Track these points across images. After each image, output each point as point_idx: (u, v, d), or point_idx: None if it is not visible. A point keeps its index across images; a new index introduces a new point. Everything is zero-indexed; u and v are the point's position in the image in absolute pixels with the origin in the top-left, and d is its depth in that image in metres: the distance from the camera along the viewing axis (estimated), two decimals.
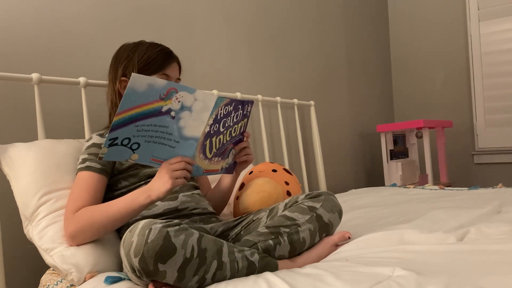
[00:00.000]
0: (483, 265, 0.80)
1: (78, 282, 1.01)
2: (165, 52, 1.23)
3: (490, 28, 3.03)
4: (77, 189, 1.08)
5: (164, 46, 1.26)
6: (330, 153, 2.73)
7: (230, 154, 1.17)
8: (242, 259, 0.90)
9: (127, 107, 0.89)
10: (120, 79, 1.23)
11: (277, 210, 1.16)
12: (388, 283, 0.72)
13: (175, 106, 0.94)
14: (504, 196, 1.70)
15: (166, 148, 0.99)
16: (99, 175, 1.11)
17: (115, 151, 0.93)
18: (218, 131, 1.05)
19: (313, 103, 2.43)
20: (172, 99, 0.93)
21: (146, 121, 0.92)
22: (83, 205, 1.05)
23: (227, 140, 1.10)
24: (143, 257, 0.79)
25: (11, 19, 1.40)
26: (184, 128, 0.98)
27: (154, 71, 1.20)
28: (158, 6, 1.85)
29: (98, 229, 1.03)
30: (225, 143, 1.10)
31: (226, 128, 1.07)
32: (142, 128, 0.93)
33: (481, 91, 3.06)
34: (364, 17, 3.22)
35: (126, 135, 0.92)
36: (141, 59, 1.20)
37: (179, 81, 1.28)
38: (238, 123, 1.11)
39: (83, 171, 1.10)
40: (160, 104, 0.92)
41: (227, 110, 1.04)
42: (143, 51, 1.21)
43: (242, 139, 1.18)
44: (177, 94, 0.93)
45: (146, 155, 0.98)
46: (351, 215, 1.59)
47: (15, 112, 1.38)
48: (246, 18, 2.27)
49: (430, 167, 2.68)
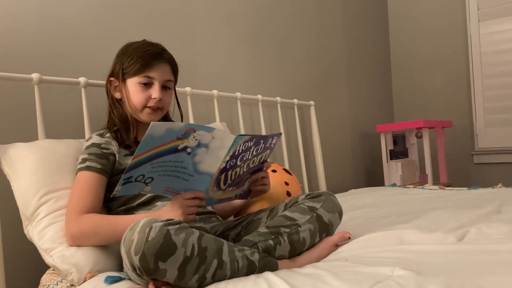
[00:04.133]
0: (483, 265, 0.80)
1: (78, 282, 1.01)
2: (150, 53, 1.18)
3: (490, 28, 3.03)
4: (78, 189, 1.09)
5: (155, 46, 1.21)
6: (330, 153, 2.73)
7: (246, 182, 1.14)
8: (242, 259, 0.90)
9: (144, 150, 0.88)
10: (108, 79, 1.23)
11: (277, 210, 1.16)
12: (388, 283, 0.73)
13: (192, 143, 0.93)
14: (504, 196, 1.70)
15: (180, 180, 0.98)
16: (99, 175, 1.11)
17: (129, 187, 0.93)
18: (235, 165, 1.03)
19: (313, 103, 2.43)
20: (190, 137, 0.92)
21: (161, 158, 0.91)
22: (85, 205, 1.06)
23: (244, 171, 1.07)
24: (143, 255, 0.79)
25: (12, 19, 1.40)
26: (199, 163, 0.97)
27: (135, 73, 1.17)
28: (158, 6, 1.85)
29: (101, 239, 1.04)
30: (242, 174, 1.08)
31: (244, 162, 1.04)
32: (157, 165, 0.92)
33: (481, 91, 3.06)
34: (364, 17, 3.22)
35: (141, 173, 0.91)
36: (127, 59, 1.18)
37: (171, 82, 1.23)
38: (258, 156, 1.08)
39: (83, 171, 1.11)
40: (177, 143, 0.91)
41: (247, 146, 1.01)
42: (130, 51, 1.19)
43: (262, 168, 1.15)
44: (195, 133, 0.92)
45: (160, 187, 0.98)
46: (351, 215, 1.59)
47: (15, 112, 1.38)
48: (246, 18, 2.27)
49: (430, 167, 2.68)
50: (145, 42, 1.23)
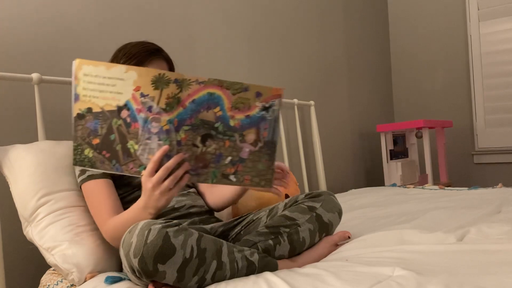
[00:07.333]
0: (483, 265, 0.80)
1: (78, 282, 1.01)
2: (147, 49, 1.16)
3: (490, 28, 3.03)
4: (94, 202, 1.07)
5: (152, 45, 1.20)
6: (330, 153, 2.73)
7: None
8: (241, 259, 0.90)
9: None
10: None
11: (277, 210, 1.16)
12: (388, 283, 0.73)
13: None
14: (504, 196, 1.70)
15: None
16: (104, 180, 1.10)
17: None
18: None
19: (313, 103, 2.43)
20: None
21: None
22: (108, 212, 1.05)
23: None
24: (142, 257, 0.79)
25: (11, 19, 1.40)
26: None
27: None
28: (158, 6, 1.85)
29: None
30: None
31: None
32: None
33: (481, 91, 3.06)
34: (364, 17, 3.22)
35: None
36: (123, 56, 1.16)
37: None
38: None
39: (88, 182, 1.09)
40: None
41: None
42: (128, 48, 1.17)
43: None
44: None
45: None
46: (351, 215, 1.59)
47: (15, 112, 1.38)
48: (247, 18, 2.27)
49: (430, 167, 2.68)
50: (143, 41, 1.23)
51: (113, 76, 0.84)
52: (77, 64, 0.83)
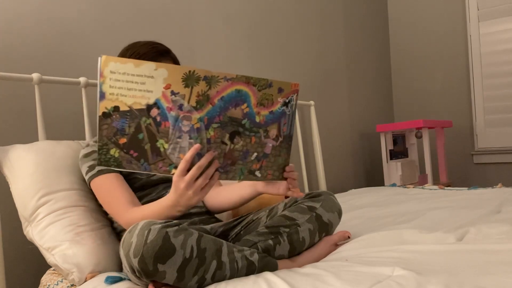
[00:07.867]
0: (483, 265, 0.80)
1: (79, 282, 1.01)
2: (157, 50, 1.16)
3: (489, 29, 3.03)
4: (107, 195, 1.07)
5: (162, 45, 1.20)
6: (330, 153, 2.73)
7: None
8: (241, 259, 0.90)
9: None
10: None
11: (277, 210, 1.16)
12: (388, 283, 0.73)
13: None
14: (503, 196, 1.70)
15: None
16: (114, 174, 1.09)
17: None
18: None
19: (313, 103, 2.43)
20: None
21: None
22: (126, 200, 1.04)
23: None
24: (142, 257, 0.79)
25: (12, 19, 1.40)
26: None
27: None
28: (158, 6, 1.85)
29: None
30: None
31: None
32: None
33: (480, 91, 3.06)
34: (364, 17, 3.22)
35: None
36: (132, 54, 1.15)
37: None
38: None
39: (98, 177, 1.08)
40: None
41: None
42: (136, 48, 1.16)
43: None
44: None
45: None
46: (351, 215, 1.59)
47: (16, 112, 1.38)
48: (246, 18, 2.27)
49: (429, 167, 2.68)
50: (152, 41, 1.22)
51: (142, 74, 0.82)
52: (104, 60, 0.81)
